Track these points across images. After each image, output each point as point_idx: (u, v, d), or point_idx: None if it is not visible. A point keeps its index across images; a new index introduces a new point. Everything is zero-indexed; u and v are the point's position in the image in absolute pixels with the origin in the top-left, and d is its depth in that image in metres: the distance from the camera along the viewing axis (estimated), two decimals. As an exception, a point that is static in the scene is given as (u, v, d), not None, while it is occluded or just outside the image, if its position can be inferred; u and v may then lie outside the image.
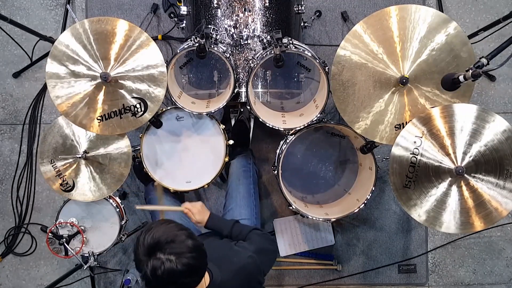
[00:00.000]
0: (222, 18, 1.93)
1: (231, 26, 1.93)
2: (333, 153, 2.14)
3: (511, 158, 1.61)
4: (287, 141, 1.95)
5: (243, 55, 1.95)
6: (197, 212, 1.87)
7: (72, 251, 1.99)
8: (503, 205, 1.64)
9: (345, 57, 1.65)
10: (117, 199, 2.09)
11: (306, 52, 1.80)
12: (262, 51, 1.89)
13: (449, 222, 1.65)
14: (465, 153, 1.61)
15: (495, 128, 1.60)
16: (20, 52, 2.53)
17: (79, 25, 1.70)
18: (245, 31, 1.93)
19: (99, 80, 1.71)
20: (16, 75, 2.56)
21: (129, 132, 1.84)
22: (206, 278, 1.42)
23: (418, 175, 1.64)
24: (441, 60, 1.64)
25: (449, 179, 1.63)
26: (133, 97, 1.75)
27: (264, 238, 1.76)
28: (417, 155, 1.63)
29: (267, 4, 1.92)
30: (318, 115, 1.84)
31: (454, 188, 1.63)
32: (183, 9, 2.01)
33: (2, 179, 2.59)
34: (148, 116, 1.78)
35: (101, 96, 1.74)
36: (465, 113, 1.60)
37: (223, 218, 2.00)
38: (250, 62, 1.91)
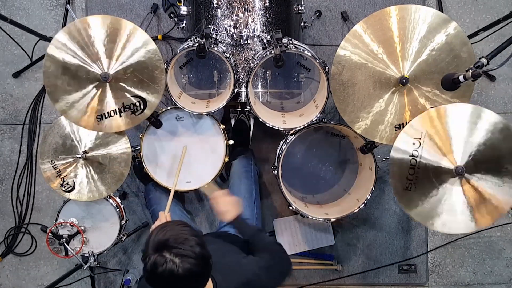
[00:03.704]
0: (222, 18, 1.93)
1: (231, 26, 1.93)
2: (333, 153, 2.14)
3: (509, 155, 1.60)
4: (287, 141, 1.95)
5: (243, 55, 1.95)
6: (223, 203, 1.78)
7: (72, 251, 1.99)
8: (503, 202, 1.63)
9: (345, 57, 1.65)
10: (117, 199, 2.09)
11: (306, 52, 1.80)
12: (262, 51, 1.89)
13: (449, 222, 1.65)
14: (464, 153, 1.61)
15: (493, 126, 1.60)
16: (20, 52, 2.52)
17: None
18: (245, 31, 1.93)
19: (99, 80, 1.71)
20: (16, 75, 2.56)
21: (129, 132, 1.84)
22: (210, 287, 1.41)
23: (419, 177, 1.63)
24: (441, 60, 1.64)
25: (450, 179, 1.62)
26: (133, 96, 1.75)
27: (278, 256, 1.66)
28: (416, 157, 1.63)
29: (267, 4, 1.92)
30: (318, 115, 1.84)
31: (454, 188, 1.63)
32: (183, 9, 2.01)
33: (2, 179, 2.59)
34: (147, 113, 1.77)
35: (101, 96, 1.74)
36: (462, 112, 1.60)
37: (248, 222, 1.86)
38: (250, 62, 1.91)
